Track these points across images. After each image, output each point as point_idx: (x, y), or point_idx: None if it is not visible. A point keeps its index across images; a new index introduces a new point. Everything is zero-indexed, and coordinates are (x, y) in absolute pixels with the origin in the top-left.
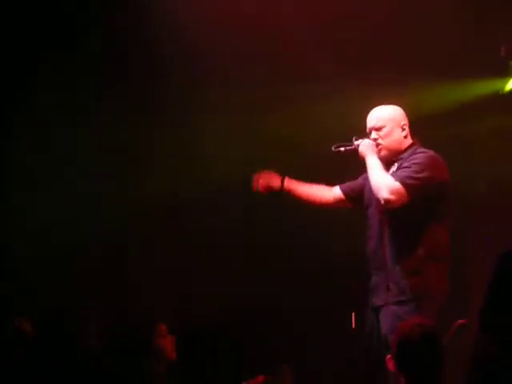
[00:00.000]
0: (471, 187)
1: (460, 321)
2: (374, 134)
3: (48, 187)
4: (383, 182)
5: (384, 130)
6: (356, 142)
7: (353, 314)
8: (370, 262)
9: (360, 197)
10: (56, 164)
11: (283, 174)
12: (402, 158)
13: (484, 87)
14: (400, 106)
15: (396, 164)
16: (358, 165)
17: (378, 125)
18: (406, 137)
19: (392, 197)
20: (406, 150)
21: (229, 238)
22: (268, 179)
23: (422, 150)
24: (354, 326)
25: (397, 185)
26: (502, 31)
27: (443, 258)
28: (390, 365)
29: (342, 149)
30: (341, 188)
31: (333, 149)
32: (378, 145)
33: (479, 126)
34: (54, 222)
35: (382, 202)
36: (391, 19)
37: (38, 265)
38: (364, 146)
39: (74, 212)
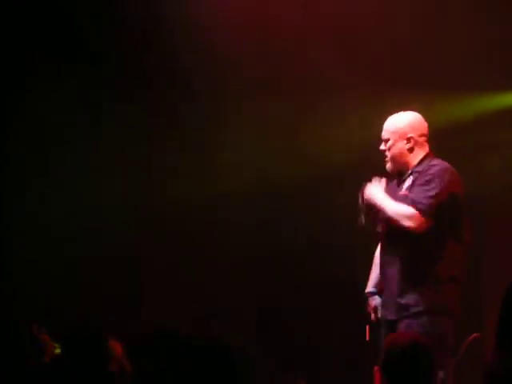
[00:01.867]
0: (484, 199)
1: (473, 334)
2: (382, 146)
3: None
4: (399, 213)
5: (389, 143)
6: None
7: (367, 327)
8: (383, 275)
9: None
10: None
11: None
12: (417, 172)
13: (503, 100)
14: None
15: (411, 177)
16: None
17: (385, 137)
18: (411, 149)
19: (413, 224)
20: (420, 162)
21: (240, 248)
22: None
23: (436, 162)
24: (368, 338)
25: (412, 211)
26: None
27: (458, 275)
28: (377, 377)
29: (363, 221)
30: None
31: (359, 228)
32: (385, 157)
33: (493, 138)
34: (64, 227)
35: (407, 230)
36: (412, 31)
37: (47, 274)
38: (366, 196)
39: (83, 218)
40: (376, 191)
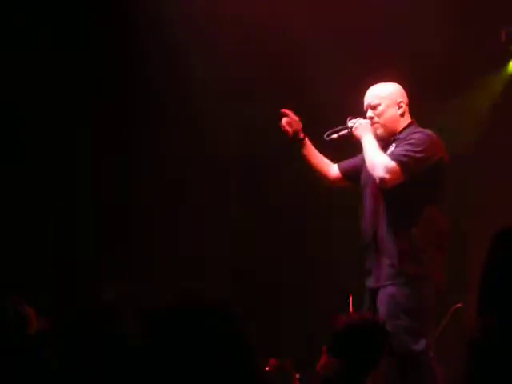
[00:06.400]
0: (470, 168)
1: (456, 305)
2: (369, 112)
3: None
4: (378, 161)
5: (379, 108)
6: (349, 124)
7: (350, 297)
8: (364, 243)
9: (357, 176)
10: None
11: None
12: (399, 138)
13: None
14: None
15: (394, 144)
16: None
17: (374, 103)
18: (402, 115)
19: (387, 175)
20: (403, 129)
21: (239, 227)
22: (296, 122)
23: (420, 129)
24: (351, 309)
25: (392, 163)
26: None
27: (441, 242)
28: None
29: (335, 136)
30: (339, 166)
31: (325, 137)
32: (373, 123)
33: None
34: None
35: (378, 180)
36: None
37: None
38: (359, 127)
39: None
40: (368, 131)
